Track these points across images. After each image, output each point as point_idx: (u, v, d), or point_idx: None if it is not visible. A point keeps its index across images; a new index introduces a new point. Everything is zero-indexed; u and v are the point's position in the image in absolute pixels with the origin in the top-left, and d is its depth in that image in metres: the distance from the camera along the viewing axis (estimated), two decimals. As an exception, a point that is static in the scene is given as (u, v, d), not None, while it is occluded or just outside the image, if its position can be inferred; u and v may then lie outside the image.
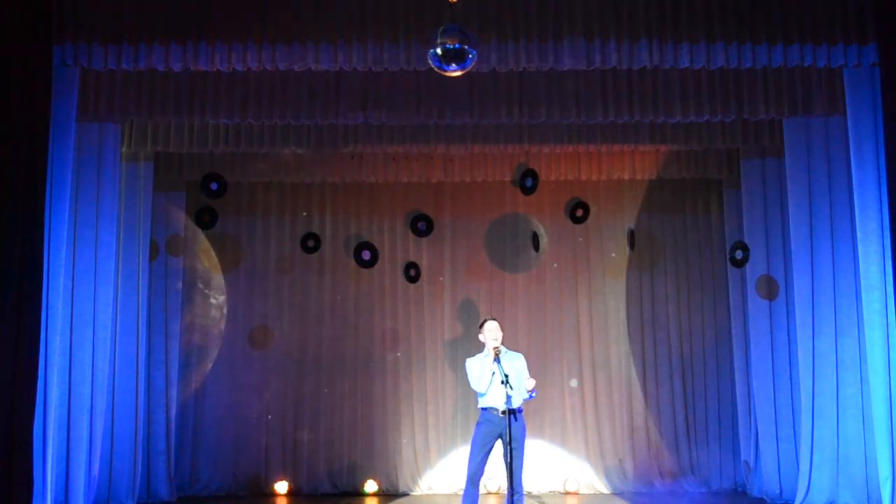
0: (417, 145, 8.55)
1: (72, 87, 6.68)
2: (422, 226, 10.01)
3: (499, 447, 6.67)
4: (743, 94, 7.32)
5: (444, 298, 10.06)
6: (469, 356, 7.05)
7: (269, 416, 9.83)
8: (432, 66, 5.71)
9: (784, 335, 8.66)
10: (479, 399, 6.81)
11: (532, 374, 6.92)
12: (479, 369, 6.76)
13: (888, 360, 6.75)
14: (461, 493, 7.02)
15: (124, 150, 8.20)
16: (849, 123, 6.97)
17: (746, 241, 9.36)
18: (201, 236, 9.96)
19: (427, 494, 9.67)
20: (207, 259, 10.03)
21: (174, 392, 9.31)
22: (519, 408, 6.66)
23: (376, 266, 10.01)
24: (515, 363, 6.80)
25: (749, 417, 9.41)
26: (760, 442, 9.02)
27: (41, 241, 6.33)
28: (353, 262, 10.02)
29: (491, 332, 6.78)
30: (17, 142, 6.31)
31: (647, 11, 6.54)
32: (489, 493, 9.34)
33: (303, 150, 8.57)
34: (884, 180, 6.67)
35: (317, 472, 9.75)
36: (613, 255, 10.15)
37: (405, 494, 9.67)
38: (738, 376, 9.69)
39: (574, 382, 9.90)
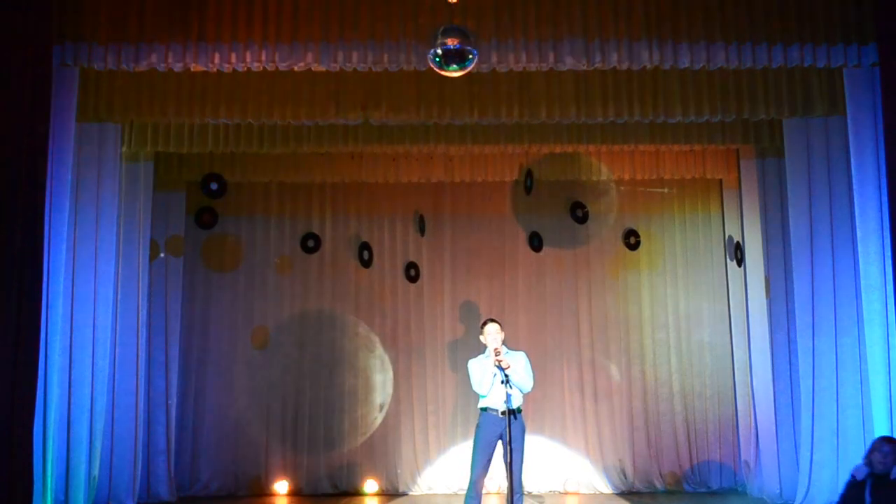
0: (417, 145, 8.55)
1: (72, 87, 6.67)
2: (422, 226, 10.02)
3: (500, 448, 6.67)
4: (743, 94, 7.33)
5: (444, 298, 10.06)
6: (469, 356, 7.06)
7: (269, 416, 9.82)
8: (432, 66, 5.71)
9: (784, 335, 8.65)
10: (480, 399, 6.81)
11: (534, 373, 6.93)
12: (480, 371, 6.78)
13: (888, 360, 6.75)
14: (461, 492, 7.02)
15: (124, 150, 8.19)
16: (849, 123, 6.96)
17: (746, 241, 9.39)
18: (201, 236, 9.97)
19: (427, 494, 9.68)
20: (207, 259, 10.03)
21: (174, 392, 9.32)
22: (519, 408, 6.67)
23: (376, 266, 10.04)
24: (517, 362, 6.80)
25: (749, 417, 9.41)
26: (760, 442, 9.02)
27: (41, 241, 6.32)
28: (353, 262, 10.06)
29: (491, 335, 6.80)
30: (17, 142, 6.30)
31: (647, 11, 6.53)
32: (489, 493, 9.33)
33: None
34: (884, 180, 6.66)
35: (317, 472, 9.75)
36: (613, 255, 10.16)
37: (405, 494, 9.68)
38: (739, 376, 9.71)
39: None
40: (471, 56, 5.65)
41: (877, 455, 5.79)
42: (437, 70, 5.73)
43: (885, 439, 5.92)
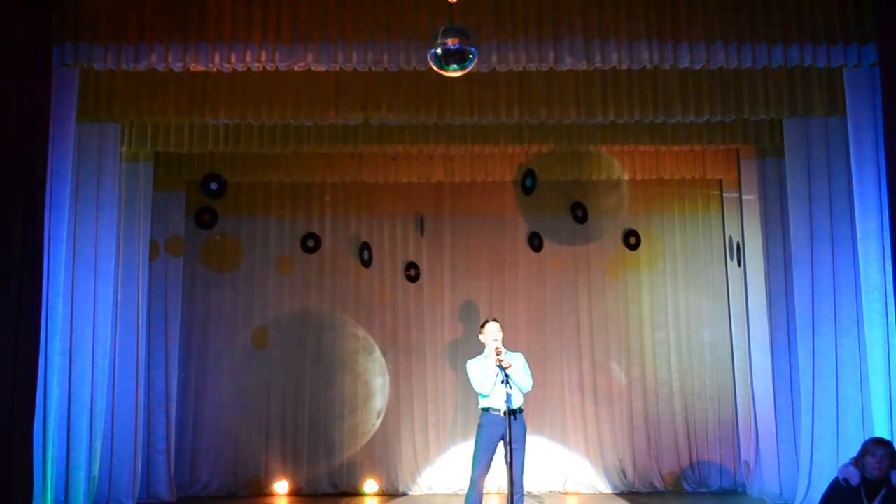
0: (417, 145, 8.56)
1: (72, 87, 6.67)
2: (422, 226, 10.02)
3: (501, 448, 6.66)
4: (743, 94, 7.32)
5: (444, 298, 10.06)
6: (469, 357, 7.05)
7: (269, 417, 9.82)
8: (432, 66, 5.71)
9: (784, 335, 8.65)
10: (481, 400, 6.81)
11: (532, 373, 6.94)
12: (481, 371, 6.77)
13: (888, 360, 6.74)
14: (461, 492, 7.03)
15: (124, 150, 8.19)
16: (849, 123, 6.95)
17: (746, 241, 9.39)
18: (201, 236, 9.97)
19: (427, 494, 9.68)
20: (207, 259, 10.03)
21: (174, 392, 9.32)
22: (520, 408, 6.66)
23: (376, 266, 10.04)
24: (515, 362, 6.80)
25: (749, 417, 9.41)
26: (760, 442, 9.02)
27: (41, 241, 6.32)
28: (353, 262, 10.07)
29: (492, 333, 6.79)
30: (17, 142, 6.30)
31: (647, 11, 6.53)
32: (489, 493, 9.33)
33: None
34: (884, 180, 6.66)
35: (317, 472, 9.75)
36: (613, 255, 10.16)
37: (405, 494, 9.68)
38: (738, 376, 9.71)
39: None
40: (471, 56, 5.64)
41: (870, 459, 5.32)
42: (437, 70, 5.73)
43: (878, 442, 5.47)
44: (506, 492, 6.56)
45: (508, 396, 6.48)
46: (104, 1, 6.50)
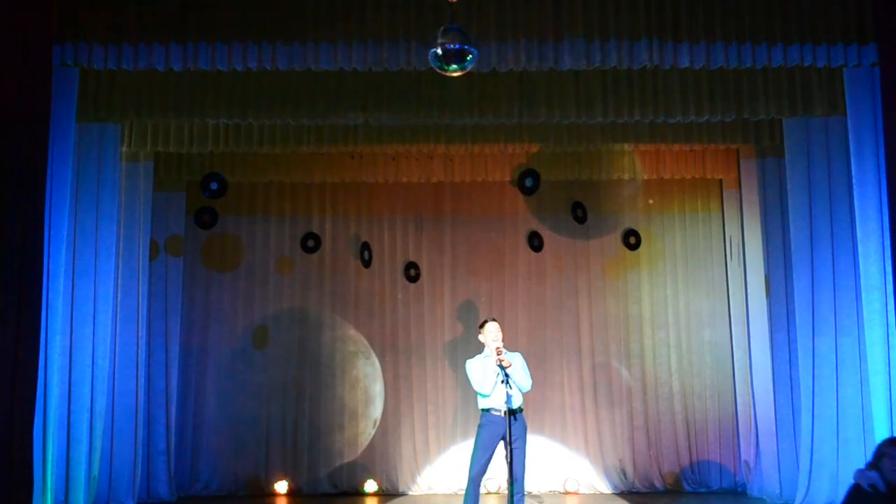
0: (417, 145, 8.56)
1: (72, 87, 6.67)
2: (421, 225, 10.02)
3: (501, 448, 6.66)
4: (743, 94, 7.31)
5: (444, 298, 10.06)
6: (468, 357, 7.05)
7: (269, 417, 9.82)
8: (432, 66, 5.71)
9: (784, 335, 8.65)
10: (481, 400, 6.80)
11: (532, 373, 6.94)
12: (481, 371, 6.76)
13: (888, 360, 6.75)
14: (461, 492, 7.02)
15: (124, 150, 8.19)
16: (849, 123, 6.96)
17: (746, 240, 9.40)
18: (201, 236, 9.97)
19: (427, 494, 9.67)
20: (207, 259, 10.03)
21: (174, 392, 9.32)
22: (520, 407, 6.67)
23: (376, 266, 10.04)
24: (515, 362, 6.79)
25: (749, 417, 9.41)
26: (760, 442, 9.02)
27: (41, 241, 6.32)
28: (353, 262, 10.07)
29: (491, 333, 6.79)
30: (17, 142, 6.30)
31: (647, 11, 6.54)
32: (489, 493, 9.34)
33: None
34: (884, 180, 6.66)
35: (317, 472, 9.75)
36: (613, 255, 10.16)
37: (405, 494, 9.68)
38: (738, 376, 9.71)
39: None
40: (471, 56, 5.64)
41: (887, 462, 4.91)
42: (437, 70, 5.73)
43: (894, 442, 5.09)
44: (506, 492, 6.56)
45: (508, 397, 6.48)
46: (104, 1, 6.50)
